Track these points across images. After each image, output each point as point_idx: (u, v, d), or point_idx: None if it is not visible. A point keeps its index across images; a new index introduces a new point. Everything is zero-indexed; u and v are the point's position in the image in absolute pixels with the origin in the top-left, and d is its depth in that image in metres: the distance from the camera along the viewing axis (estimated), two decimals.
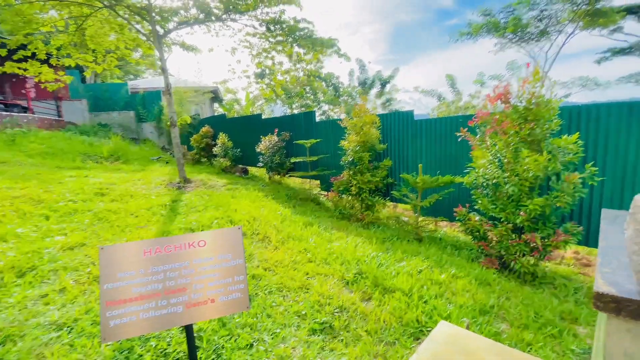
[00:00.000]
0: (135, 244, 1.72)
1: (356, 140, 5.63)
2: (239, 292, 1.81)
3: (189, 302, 1.74)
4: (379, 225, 5.74)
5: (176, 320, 1.70)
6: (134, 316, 1.64)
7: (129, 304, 1.64)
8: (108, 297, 1.63)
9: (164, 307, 1.69)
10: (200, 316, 1.74)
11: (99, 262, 1.65)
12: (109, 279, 1.65)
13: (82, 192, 5.98)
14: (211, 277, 1.79)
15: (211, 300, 1.77)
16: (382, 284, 3.34)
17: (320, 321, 2.73)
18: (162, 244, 1.75)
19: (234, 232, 1.90)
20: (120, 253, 1.70)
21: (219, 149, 10.64)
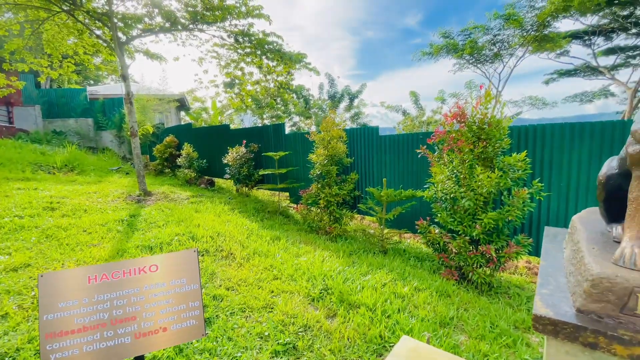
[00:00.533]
0: (78, 270, 1.61)
1: (324, 154, 5.70)
2: (193, 319, 1.74)
3: (138, 331, 1.64)
4: (347, 237, 5.80)
5: (124, 352, 1.60)
6: (76, 349, 1.52)
7: (71, 336, 1.53)
8: (48, 328, 1.51)
9: (110, 339, 1.59)
10: (150, 346, 1.65)
11: (38, 291, 1.53)
12: (48, 310, 1.53)
13: (29, 207, 5.52)
14: (163, 303, 1.72)
15: (163, 328, 1.69)
16: (347, 300, 3.36)
17: (284, 342, 2.69)
18: (108, 269, 1.65)
19: (190, 255, 1.84)
20: (62, 280, 1.58)
21: (183, 160, 10.29)
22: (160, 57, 8.85)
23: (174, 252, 1.80)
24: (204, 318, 1.81)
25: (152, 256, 1.76)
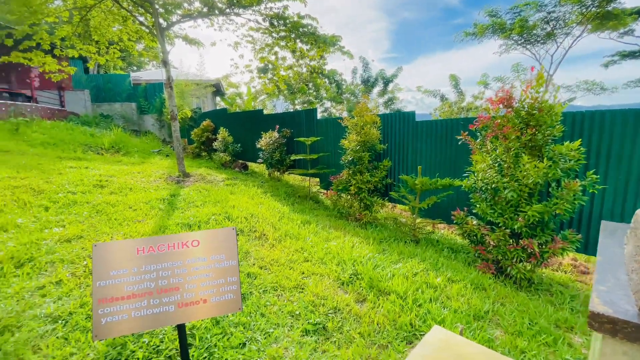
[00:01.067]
0: (128, 242, 1.72)
1: (356, 140, 5.61)
2: (231, 293, 1.81)
3: (181, 301, 1.74)
4: (377, 225, 5.73)
5: (168, 319, 1.71)
6: (125, 314, 1.65)
7: (121, 302, 1.65)
8: (100, 294, 1.64)
9: (156, 306, 1.70)
10: (192, 316, 1.75)
11: (92, 260, 1.65)
12: (101, 277, 1.66)
13: (81, 184, 5.99)
14: (204, 277, 1.80)
15: (203, 300, 1.77)
16: (377, 286, 3.34)
17: (314, 322, 2.74)
18: (155, 242, 1.75)
19: (228, 233, 1.90)
20: (114, 251, 1.70)
21: (219, 144, 10.62)
22: (198, 43, 9.07)
23: (214, 230, 1.87)
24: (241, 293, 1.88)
25: (194, 232, 1.84)
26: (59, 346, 2.11)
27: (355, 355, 2.40)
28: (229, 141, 10.51)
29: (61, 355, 2.02)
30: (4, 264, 3.00)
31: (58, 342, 2.14)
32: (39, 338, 2.15)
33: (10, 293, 2.61)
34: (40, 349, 2.06)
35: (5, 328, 2.20)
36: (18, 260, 3.12)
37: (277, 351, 2.37)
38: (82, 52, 8.92)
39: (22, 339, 2.11)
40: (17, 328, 2.22)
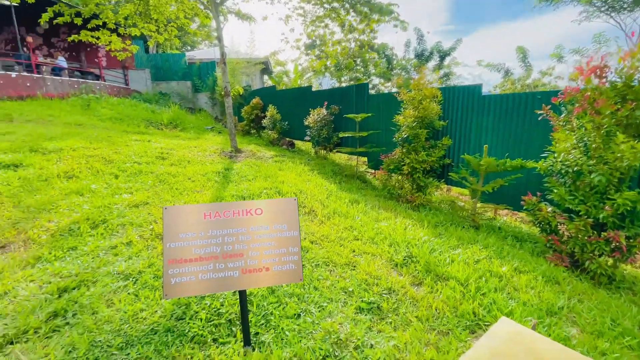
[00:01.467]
0: (196, 207, 1.73)
1: (413, 116, 5.24)
2: (292, 264, 1.76)
3: (244, 267, 1.72)
4: (430, 208, 5.42)
5: (232, 284, 1.71)
6: (193, 276, 1.67)
7: (189, 264, 1.67)
8: (170, 255, 1.67)
9: (221, 270, 1.70)
10: (254, 283, 1.73)
11: (163, 222, 1.68)
12: (171, 238, 1.68)
13: (145, 155, 6.43)
14: (266, 245, 1.76)
15: (266, 268, 1.74)
16: (434, 270, 3.15)
17: (368, 300, 2.65)
18: (221, 208, 1.73)
19: (290, 203, 1.82)
20: (182, 214, 1.72)
21: (267, 121, 10.75)
22: (249, 17, 9.04)
23: (276, 199, 1.81)
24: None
25: (258, 200, 1.79)
26: (130, 302, 2.26)
27: (413, 339, 2.28)
28: (277, 119, 10.59)
29: (132, 310, 2.16)
30: (81, 224, 3.30)
31: (129, 298, 2.29)
32: (112, 293, 2.33)
33: (86, 251, 2.86)
34: (113, 303, 2.23)
35: (82, 282, 2.41)
36: (93, 221, 3.42)
37: (332, 325, 2.33)
38: (144, 31, 9.38)
39: (96, 293, 2.29)
40: (93, 283, 2.42)
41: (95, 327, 1.99)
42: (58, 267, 2.60)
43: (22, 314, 2.07)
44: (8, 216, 3.42)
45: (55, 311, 2.11)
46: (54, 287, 2.33)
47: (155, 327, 2.04)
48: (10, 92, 11.41)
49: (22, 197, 3.96)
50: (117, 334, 1.95)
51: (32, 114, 9.79)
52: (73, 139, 6.64)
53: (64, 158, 5.53)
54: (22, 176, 4.57)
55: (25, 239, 3.03)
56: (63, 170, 4.99)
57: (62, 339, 1.91)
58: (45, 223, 3.34)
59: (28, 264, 2.65)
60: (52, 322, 2.04)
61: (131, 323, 2.05)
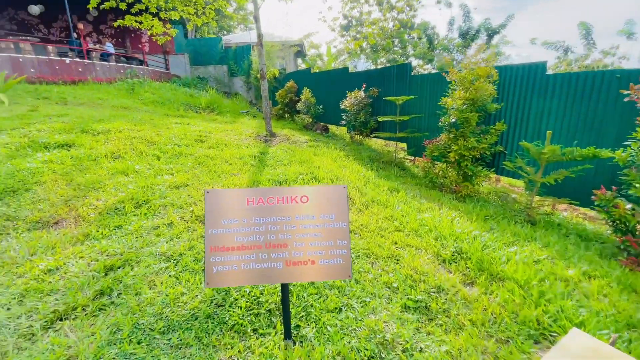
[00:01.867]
0: (239, 192, 1.60)
1: (463, 97, 4.78)
2: (340, 258, 1.59)
3: (288, 259, 1.58)
4: (478, 200, 5.01)
5: (275, 276, 1.58)
6: (235, 265, 1.56)
7: (231, 253, 1.56)
8: (212, 242, 1.56)
9: (264, 261, 1.57)
10: (298, 276, 1.59)
11: (205, 206, 1.57)
12: (213, 224, 1.58)
13: (185, 138, 6.55)
14: (312, 236, 1.60)
15: (311, 261, 1.59)
16: (488, 269, 2.85)
17: (415, 298, 2.44)
18: (264, 194, 1.59)
19: (339, 192, 1.64)
20: (225, 199, 1.60)
21: (302, 105, 10.58)
22: None
23: (324, 186, 1.63)
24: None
25: (304, 186, 1.62)
26: (171, 284, 2.23)
27: (468, 345, 2.05)
28: (312, 102, 10.37)
29: (173, 293, 2.13)
30: (126, 204, 3.37)
31: (170, 281, 2.27)
32: (154, 275, 2.32)
33: (130, 230, 2.90)
34: (155, 285, 2.22)
35: (126, 262, 2.43)
36: (137, 201, 3.48)
37: (377, 323, 2.16)
38: (182, 14, 9.46)
39: (140, 273, 2.29)
40: (136, 263, 2.43)
41: (138, 308, 1.98)
42: (105, 245, 2.66)
43: (72, 290, 2.12)
44: (61, 193, 3.58)
45: (102, 290, 2.14)
46: (100, 265, 2.37)
47: (195, 313, 1.99)
48: (64, 76, 12.17)
49: (74, 176, 4.14)
50: (159, 318, 1.92)
51: (83, 97, 10.39)
52: (119, 122, 6.91)
53: (111, 139, 5.76)
54: (74, 155, 4.80)
55: (76, 216, 3.14)
56: (110, 151, 5.18)
57: (108, 318, 1.92)
58: (94, 201, 3.46)
59: (78, 240, 2.74)
60: (98, 300, 2.07)
61: (172, 307, 2.02)
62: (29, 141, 5.15)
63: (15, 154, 4.64)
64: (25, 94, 9.52)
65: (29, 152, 4.82)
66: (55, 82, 11.69)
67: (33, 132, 5.60)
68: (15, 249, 2.49)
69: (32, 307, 1.94)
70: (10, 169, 3.91)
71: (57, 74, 12.06)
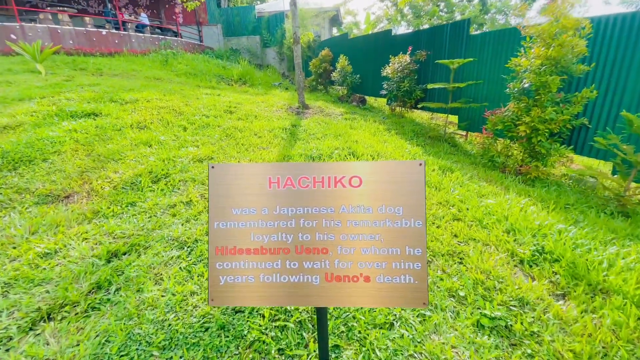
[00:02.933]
0: (257, 167, 1.06)
1: (543, 56, 3.82)
2: (411, 275, 1.02)
3: (329, 271, 1.05)
4: (549, 183, 4.15)
5: (309, 296, 1.06)
6: (251, 276, 1.05)
7: (246, 257, 1.05)
8: (219, 240, 1.06)
9: (294, 272, 1.05)
10: (343, 299, 1.05)
11: (209, 188, 1.06)
12: (220, 215, 1.07)
13: (214, 109, 6.16)
14: (368, 239, 1.04)
15: (365, 277, 1.04)
16: (585, 277, 2.16)
17: (491, 315, 1.84)
18: (294, 172, 1.04)
19: (412, 170, 1.04)
20: (237, 178, 1.07)
21: (337, 74, 9.78)
22: None
23: (387, 161, 1.04)
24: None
25: (355, 162, 1.04)
26: (180, 280, 1.81)
27: None
28: (348, 71, 9.52)
29: (182, 292, 1.71)
30: (143, 177, 3.00)
31: (180, 275, 1.85)
32: (163, 265, 1.91)
33: (144, 208, 2.52)
34: (161, 280, 1.81)
35: (133, 247, 2.05)
36: (155, 175, 3.11)
37: (442, 349, 1.61)
38: None
39: (146, 263, 1.90)
40: (144, 249, 2.04)
41: (137, 312, 1.58)
42: (113, 225, 2.31)
43: (66, 280, 1.77)
44: (79, 164, 3.31)
45: (99, 282, 1.77)
46: (104, 250, 2.02)
47: (206, 322, 1.56)
48: (101, 48, 12.23)
49: (95, 146, 3.88)
50: (160, 327, 1.51)
51: (118, 68, 10.35)
52: (148, 91, 6.66)
53: (138, 109, 5.49)
54: (99, 125, 4.57)
55: (89, 190, 2.84)
56: (136, 121, 4.91)
57: (99, 323, 1.54)
58: (110, 174, 3.15)
59: (86, 218, 2.42)
60: (93, 296, 1.70)
61: (178, 311, 1.60)
62: (57, 110, 4.99)
63: (41, 123, 4.48)
64: (63, 65, 9.62)
65: (55, 120, 4.64)
66: (93, 53, 11.78)
67: (62, 101, 5.46)
68: (17, 226, 2.20)
69: (17, 300, 1.61)
70: (32, 138, 3.71)
71: (94, 46, 12.15)
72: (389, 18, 20.45)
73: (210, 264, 1.06)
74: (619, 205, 3.44)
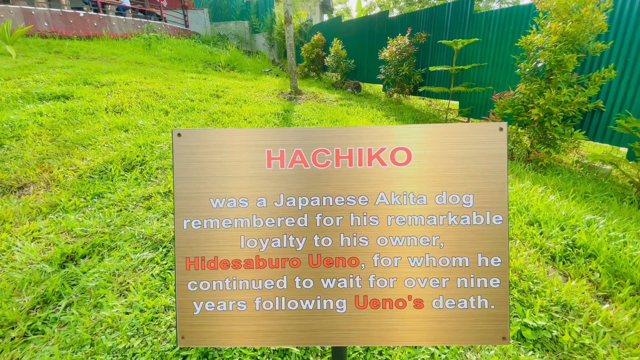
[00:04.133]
0: (249, 134, 0.69)
1: (559, 32, 3.49)
2: (485, 297, 0.67)
3: (362, 293, 0.69)
4: (560, 171, 3.88)
5: (331, 331, 0.70)
6: (242, 301, 0.69)
7: (234, 274, 0.68)
8: (191, 248, 0.69)
9: (308, 295, 0.69)
10: (383, 335, 0.70)
11: (173, 167, 0.68)
12: (193, 210, 0.70)
13: (199, 92, 5.70)
14: (419, 244, 0.68)
15: (415, 301, 0.69)
16: (629, 275, 1.88)
17: (533, 324, 1.53)
18: (307, 142, 0.67)
19: (487, 137, 0.68)
20: (219, 151, 0.70)
21: (330, 59, 9.33)
22: None
23: (450, 125, 0.68)
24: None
25: (399, 127, 0.68)
26: (152, 291, 1.44)
27: None
28: (342, 56, 9.08)
29: (153, 307, 1.34)
30: (114, 165, 2.58)
31: (152, 285, 1.47)
32: (131, 272, 1.53)
33: (113, 200, 2.12)
34: (127, 291, 1.43)
35: (95, 248, 1.65)
36: (129, 162, 2.69)
37: None
38: None
39: (109, 269, 1.51)
40: (109, 250, 1.65)
41: (90, 337, 1.20)
42: (73, 220, 1.90)
43: (3, 294, 1.37)
44: (40, 150, 2.86)
45: (46, 296, 1.38)
46: (57, 253, 1.62)
47: (183, 350, 1.19)
48: (79, 31, 11.43)
49: (63, 131, 3.41)
50: (122, 358, 1.14)
51: (97, 52, 9.65)
52: (127, 74, 6.12)
53: (115, 91, 4.98)
54: (69, 108, 4.07)
55: (49, 179, 2.41)
56: (112, 104, 4.42)
57: (40, 352, 1.16)
58: (76, 161, 2.71)
59: (40, 212, 2.00)
60: (36, 315, 1.32)
61: (146, 334, 1.23)
62: (22, 92, 4.46)
63: (3, 105, 3.96)
64: (36, 48, 8.89)
65: (20, 103, 4.13)
66: (70, 36, 10.98)
67: (29, 83, 4.91)
68: None
69: None
70: None
71: (71, 28, 11.35)
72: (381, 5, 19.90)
73: (178, 284, 0.70)
74: (639, 193, 3.20)
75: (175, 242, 0.70)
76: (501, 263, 0.68)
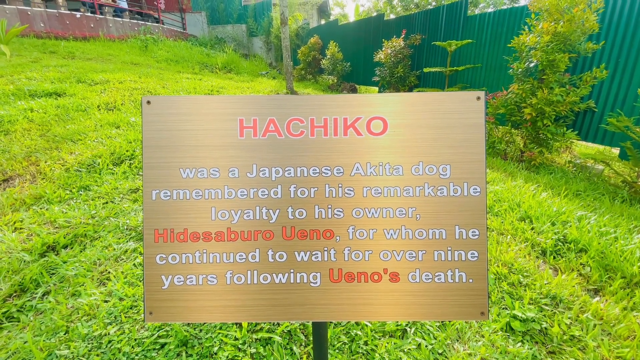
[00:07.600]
0: (221, 101, 0.67)
1: (551, 32, 3.52)
2: (463, 270, 0.66)
3: (336, 265, 0.67)
4: (553, 170, 3.89)
5: (305, 305, 0.68)
6: (213, 275, 0.66)
7: (204, 246, 0.66)
8: (159, 220, 0.67)
9: (281, 268, 0.67)
10: (358, 310, 0.69)
11: (142, 134, 0.66)
12: (162, 180, 0.67)
13: (194, 92, 5.70)
14: (395, 216, 0.66)
15: (391, 274, 0.67)
16: (619, 269, 1.87)
17: (522, 316, 1.51)
18: (281, 110, 0.66)
19: (464, 106, 0.67)
20: (190, 119, 0.68)
21: (327, 62, 9.37)
22: None
23: (427, 94, 0.66)
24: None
25: (374, 95, 0.67)
26: (133, 280, 1.40)
27: None
28: (338, 58, 9.12)
29: (132, 295, 1.30)
30: (103, 159, 2.55)
31: (133, 274, 1.44)
32: (112, 261, 1.49)
33: (100, 192, 2.08)
34: (108, 280, 1.39)
35: (77, 238, 1.62)
36: (118, 156, 2.66)
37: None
38: None
39: (90, 258, 1.47)
40: (91, 240, 1.61)
41: (65, 324, 1.16)
42: (57, 212, 1.86)
43: None
44: (28, 144, 2.82)
45: (23, 284, 1.35)
46: (38, 243, 1.58)
47: (162, 336, 1.16)
48: (75, 32, 11.42)
49: (53, 126, 3.38)
50: (96, 345, 1.11)
51: (93, 52, 9.63)
52: (122, 73, 6.11)
53: (108, 90, 4.96)
54: (61, 105, 4.04)
55: (35, 172, 2.37)
56: (105, 102, 4.39)
57: (13, 339, 1.12)
58: (64, 155, 2.67)
59: (24, 204, 1.96)
60: (12, 302, 1.28)
61: (124, 322, 1.20)
62: (14, 89, 4.42)
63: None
64: (32, 48, 8.86)
65: (11, 100, 4.09)
66: (66, 37, 10.96)
67: (22, 80, 4.87)
68: None
69: None
70: None
71: (67, 29, 11.33)
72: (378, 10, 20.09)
73: (145, 257, 0.67)
74: (631, 192, 3.21)
75: (143, 214, 0.68)
76: (479, 235, 0.66)
